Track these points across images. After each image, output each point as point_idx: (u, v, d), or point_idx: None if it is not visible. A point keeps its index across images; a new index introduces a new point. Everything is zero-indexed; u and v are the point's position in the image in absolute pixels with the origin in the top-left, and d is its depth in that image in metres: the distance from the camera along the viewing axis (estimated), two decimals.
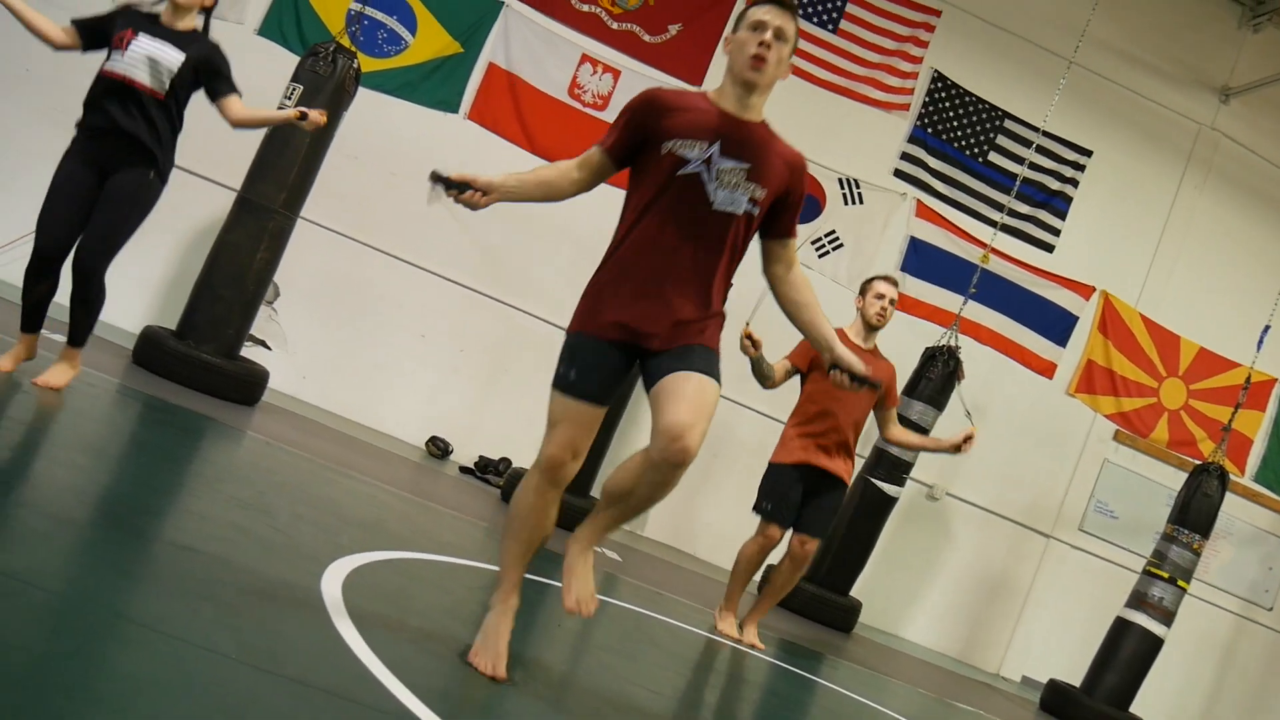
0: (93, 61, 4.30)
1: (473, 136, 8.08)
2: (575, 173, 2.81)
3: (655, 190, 2.73)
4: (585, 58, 8.20)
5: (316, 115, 4.39)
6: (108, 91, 4.15)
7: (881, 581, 8.33)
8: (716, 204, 2.72)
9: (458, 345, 8.10)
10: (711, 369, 2.72)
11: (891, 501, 7.64)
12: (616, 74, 8.22)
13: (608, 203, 2.83)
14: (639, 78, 8.22)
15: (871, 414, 5.26)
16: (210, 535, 3.17)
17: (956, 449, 5.07)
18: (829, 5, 8.58)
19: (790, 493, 5.13)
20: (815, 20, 8.56)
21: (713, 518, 8.31)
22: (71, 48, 4.30)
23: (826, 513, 5.21)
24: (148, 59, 4.14)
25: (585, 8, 8.25)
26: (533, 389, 8.46)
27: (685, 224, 2.72)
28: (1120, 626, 7.30)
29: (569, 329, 2.83)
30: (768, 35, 2.73)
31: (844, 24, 8.62)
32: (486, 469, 7.71)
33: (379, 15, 7.80)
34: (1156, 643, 7.18)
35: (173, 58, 4.17)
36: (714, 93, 2.84)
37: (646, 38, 8.29)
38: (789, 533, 5.21)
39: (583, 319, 2.79)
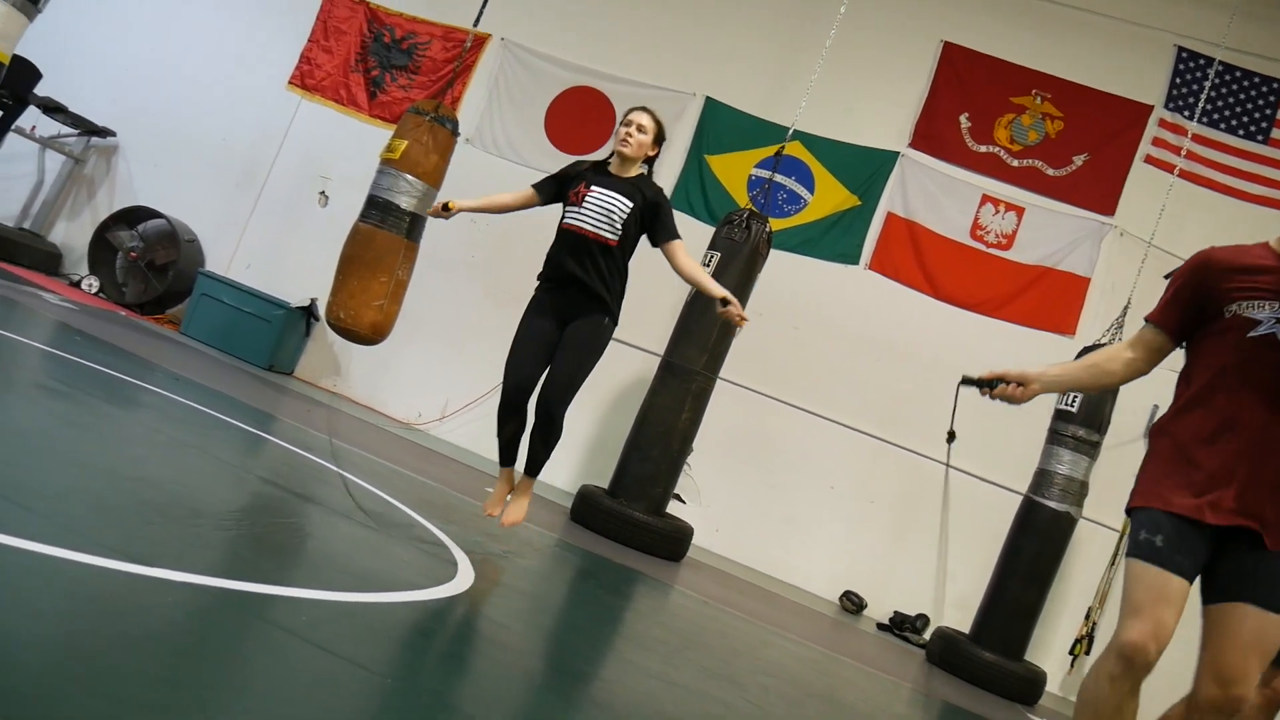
0: (520, 246, 4.67)
1: (873, 286, 8.10)
2: (1127, 353, 2.62)
3: (1224, 358, 2.50)
4: (986, 198, 8.04)
5: (738, 313, 4.23)
6: (567, 244, 4.45)
7: None
8: None
9: (867, 496, 7.96)
10: None
11: None
12: (1020, 211, 7.97)
13: (1011, 340, 2.61)
14: (1044, 213, 7.93)
15: None
16: (704, 713, 3.22)
17: None
18: (1255, 115, 7.89)
19: None
20: (1241, 133, 7.89)
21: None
22: (530, 206, 4.67)
23: None
24: (602, 210, 4.42)
25: (983, 148, 8.13)
26: (944, 540, 8.15)
27: (1266, 392, 2.45)
28: None
29: (1133, 505, 2.56)
30: None
31: (1275, 132, 7.88)
32: (903, 625, 7.41)
33: (780, 178, 8.11)
34: None
35: (623, 206, 4.42)
36: (1276, 240, 2.57)
37: (1050, 171, 8.00)
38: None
39: (1149, 496, 2.51)
